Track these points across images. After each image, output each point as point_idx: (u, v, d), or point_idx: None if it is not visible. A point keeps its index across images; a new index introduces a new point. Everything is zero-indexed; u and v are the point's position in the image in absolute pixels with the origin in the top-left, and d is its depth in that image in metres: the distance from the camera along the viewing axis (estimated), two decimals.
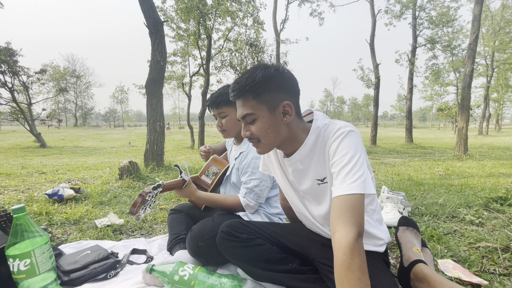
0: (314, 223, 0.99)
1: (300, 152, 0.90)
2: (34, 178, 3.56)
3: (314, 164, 0.89)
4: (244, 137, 0.89)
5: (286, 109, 0.84)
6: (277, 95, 0.83)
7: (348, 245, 0.67)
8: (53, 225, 1.82)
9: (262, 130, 0.85)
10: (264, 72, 0.82)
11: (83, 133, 21.86)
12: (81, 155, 7.54)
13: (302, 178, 0.93)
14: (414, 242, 1.20)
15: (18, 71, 9.27)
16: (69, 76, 39.07)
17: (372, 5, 12.10)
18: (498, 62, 21.22)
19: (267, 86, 0.82)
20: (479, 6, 6.78)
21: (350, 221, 0.70)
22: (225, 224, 1.03)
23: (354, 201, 0.72)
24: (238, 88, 0.83)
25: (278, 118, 0.85)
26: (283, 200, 1.22)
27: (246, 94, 0.83)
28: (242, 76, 0.84)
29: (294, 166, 0.93)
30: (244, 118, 0.86)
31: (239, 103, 0.86)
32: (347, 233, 0.68)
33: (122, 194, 2.65)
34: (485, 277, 1.09)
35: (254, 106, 0.83)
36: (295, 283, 0.96)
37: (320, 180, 0.89)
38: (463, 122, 7.03)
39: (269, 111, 0.84)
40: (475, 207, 2.01)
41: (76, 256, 1.24)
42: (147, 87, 4.20)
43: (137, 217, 1.10)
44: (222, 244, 1.03)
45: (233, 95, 0.86)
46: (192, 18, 8.80)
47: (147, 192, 1.12)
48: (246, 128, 0.88)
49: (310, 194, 0.94)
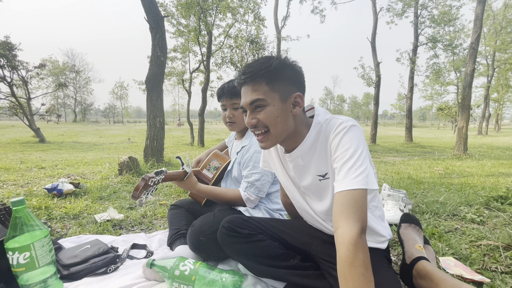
0: (316, 219, 0.98)
1: (301, 147, 0.88)
2: (33, 173, 3.54)
3: (316, 159, 0.88)
4: (249, 125, 0.85)
5: (297, 100, 0.84)
6: (289, 86, 0.83)
7: (351, 240, 0.66)
8: (52, 219, 1.81)
9: (271, 118, 0.82)
10: (280, 61, 0.81)
11: (82, 128, 21.81)
12: (80, 150, 7.53)
13: (303, 174, 0.92)
14: (416, 239, 1.19)
15: (17, 65, 9.21)
16: (68, 71, 38.89)
17: (374, 3, 12.04)
18: (499, 62, 21.19)
19: (282, 75, 0.81)
20: (481, 5, 6.75)
21: (353, 217, 0.69)
22: (227, 220, 1.02)
23: (357, 196, 0.71)
24: (252, 71, 0.80)
25: (288, 108, 0.83)
26: (284, 197, 1.21)
27: (259, 79, 0.80)
28: (255, 62, 0.82)
29: (295, 162, 0.92)
30: (252, 104, 0.82)
31: (247, 88, 0.83)
32: (350, 228, 0.68)
33: (121, 189, 2.64)
34: (487, 275, 1.09)
35: (266, 92, 0.81)
36: (297, 279, 0.95)
37: (321, 176, 0.88)
38: (463, 121, 7.02)
39: (280, 100, 0.82)
40: (475, 206, 2.00)
41: (75, 250, 1.23)
42: (147, 83, 4.18)
43: (140, 202, 1.10)
44: (224, 240, 1.02)
45: (244, 78, 0.82)
46: (192, 14, 8.74)
47: (150, 177, 1.11)
48: (253, 115, 0.84)
49: (311, 190, 0.93)
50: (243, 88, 0.84)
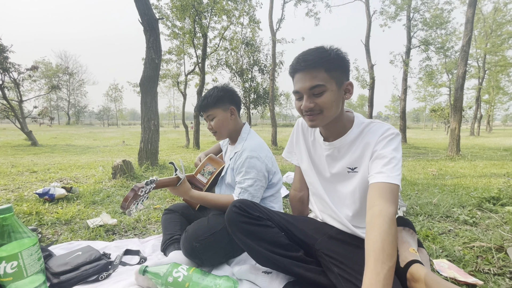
0: (329, 205, 1.04)
1: (342, 140, 0.97)
2: (25, 177, 3.48)
3: (351, 154, 0.97)
4: (306, 109, 0.90)
5: (348, 87, 0.92)
6: (344, 74, 0.91)
7: (388, 214, 0.75)
8: (43, 225, 1.77)
9: (329, 102, 0.89)
10: (337, 51, 0.89)
11: (76, 131, 21.54)
12: (73, 153, 7.42)
13: (334, 164, 1.02)
14: (411, 242, 1.19)
15: (9, 67, 9.06)
16: (61, 73, 38.34)
17: (368, 6, 12.19)
18: (490, 64, 21.62)
19: (338, 64, 0.89)
20: (472, 9, 6.88)
21: (390, 200, 0.79)
22: (238, 201, 1.03)
23: (395, 189, 0.82)
24: (313, 59, 0.87)
25: (341, 94, 0.92)
26: (295, 191, 1.24)
27: (318, 66, 0.87)
28: (313, 50, 0.89)
29: (331, 152, 1.01)
30: (312, 89, 0.88)
31: (306, 75, 0.88)
32: (387, 207, 0.77)
33: (115, 193, 2.60)
34: (480, 276, 1.10)
35: (325, 78, 0.87)
36: (301, 271, 0.95)
37: (351, 168, 0.97)
38: (455, 123, 7.13)
39: (337, 86, 0.89)
40: (468, 207, 2.03)
41: (66, 258, 1.20)
42: (141, 85, 4.14)
43: (129, 212, 1.08)
44: (233, 219, 1.00)
45: (304, 65, 0.88)
46: (187, 16, 8.73)
47: (140, 187, 1.09)
48: (310, 99, 0.90)
49: (336, 178, 1.03)
50: (300, 74, 0.90)
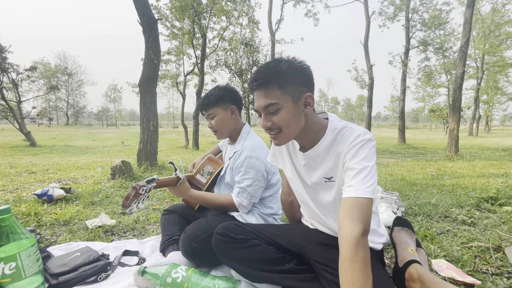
0: (316, 212, 1.02)
1: (315, 150, 0.94)
2: (23, 178, 3.47)
3: (325, 163, 0.93)
4: (265, 128, 0.88)
5: (308, 100, 0.87)
6: (300, 87, 0.85)
7: (354, 238, 0.71)
8: (42, 226, 1.77)
9: (285, 120, 0.85)
10: (289, 64, 0.84)
11: (75, 132, 21.49)
12: (72, 154, 7.40)
13: (312, 173, 0.98)
14: (409, 243, 1.20)
15: (7, 68, 9.04)
16: (60, 73, 38.27)
17: (366, 7, 12.23)
18: (488, 65, 21.68)
19: (292, 78, 0.84)
20: (470, 9, 6.91)
21: (358, 218, 0.74)
22: (221, 226, 1.03)
23: (365, 203, 0.76)
24: (263, 77, 0.83)
25: (300, 108, 0.87)
26: (284, 195, 1.23)
27: (270, 84, 0.83)
28: (265, 67, 0.85)
29: (307, 161, 0.98)
30: (267, 108, 0.85)
31: (260, 93, 0.86)
32: (353, 227, 0.72)
33: (114, 194, 2.60)
34: (478, 276, 1.10)
35: (278, 96, 0.84)
36: (292, 283, 0.95)
37: (327, 178, 0.94)
38: (454, 123, 7.15)
39: (293, 101, 0.85)
40: (467, 207, 2.03)
41: (65, 259, 1.20)
42: (140, 86, 4.14)
43: (130, 211, 1.08)
44: (218, 246, 1.01)
45: (256, 85, 0.85)
46: (186, 17, 8.72)
47: (141, 186, 1.09)
48: (267, 118, 0.87)
49: (316, 187, 1.00)
50: (256, 92, 0.87)
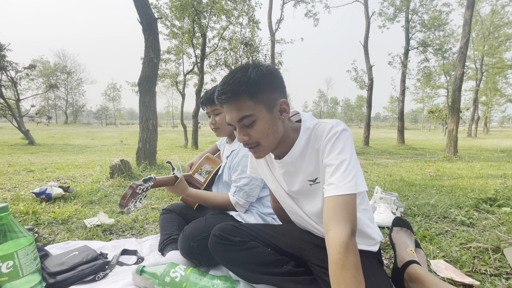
0: (308, 221, 0.97)
1: (291, 154, 0.88)
2: (21, 176, 3.45)
3: (305, 165, 0.87)
4: (242, 142, 0.82)
5: (283, 106, 0.82)
6: (273, 93, 0.80)
7: (342, 243, 0.67)
8: (40, 224, 1.76)
9: (263, 131, 0.80)
10: (257, 71, 0.77)
11: (73, 130, 21.43)
12: (71, 153, 7.38)
13: (293, 180, 0.92)
14: (408, 243, 1.20)
15: (6, 66, 9.02)
16: (59, 72, 38.23)
17: (366, 7, 12.24)
18: (487, 66, 21.74)
19: (263, 85, 0.77)
20: (470, 10, 6.92)
21: (343, 219, 0.70)
22: (217, 228, 1.01)
23: (348, 200, 0.72)
24: (232, 89, 0.76)
25: (275, 117, 0.81)
26: (274, 202, 1.20)
27: (241, 95, 0.76)
28: (232, 77, 0.77)
29: (285, 168, 0.92)
30: (241, 121, 0.79)
31: (231, 106, 0.78)
32: (340, 231, 0.69)
33: (113, 193, 2.59)
34: (476, 277, 1.10)
35: (252, 107, 0.77)
36: (291, 285, 0.94)
37: (311, 180, 0.88)
38: (453, 124, 7.16)
39: (267, 110, 0.79)
40: (465, 208, 2.04)
41: (63, 257, 1.20)
42: (140, 85, 4.13)
43: (127, 210, 1.08)
44: (215, 248, 1.00)
45: (226, 98, 0.77)
46: (186, 16, 8.71)
47: (138, 185, 1.09)
48: (243, 132, 0.81)
49: (302, 194, 0.93)
50: (226, 106, 0.80)
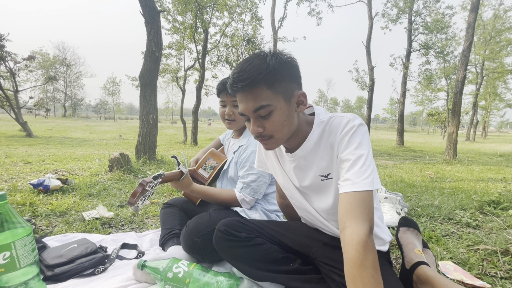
0: (317, 218, 0.94)
1: (304, 147, 0.84)
2: (19, 168, 3.40)
3: (318, 159, 0.84)
4: (255, 134, 0.77)
5: (300, 99, 0.77)
6: (291, 84, 0.75)
7: (360, 241, 0.64)
8: (37, 216, 1.72)
9: (279, 123, 0.75)
10: (276, 59, 0.72)
11: (72, 124, 21.28)
12: (69, 146, 7.31)
13: (305, 174, 0.89)
14: (416, 243, 1.17)
15: (5, 56, 8.90)
16: (59, 64, 37.91)
17: (370, 8, 12.21)
18: (488, 71, 21.81)
19: (282, 74, 0.73)
20: (474, 13, 6.90)
21: (361, 217, 0.67)
22: (223, 223, 0.97)
23: (365, 197, 0.69)
24: (250, 77, 0.70)
25: (292, 108, 0.77)
26: (280, 198, 1.17)
27: (259, 84, 0.71)
28: (249, 63, 0.71)
29: (297, 162, 0.88)
30: (257, 112, 0.74)
31: (247, 95, 0.73)
32: (359, 229, 0.65)
33: (111, 186, 2.55)
34: (486, 280, 1.08)
35: (269, 96, 0.72)
36: (298, 284, 0.91)
37: (324, 176, 0.84)
38: (453, 127, 7.16)
39: (285, 101, 0.75)
40: (470, 210, 2.02)
41: (61, 250, 1.16)
42: (141, 78, 4.08)
43: (136, 208, 1.05)
44: (220, 244, 0.97)
45: (242, 86, 0.71)
46: (189, 11, 8.63)
47: (148, 182, 1.06)
48: (258, 123, 0.76)
49: (312, 189, 0.90)
50: (240, 95, 0.75)
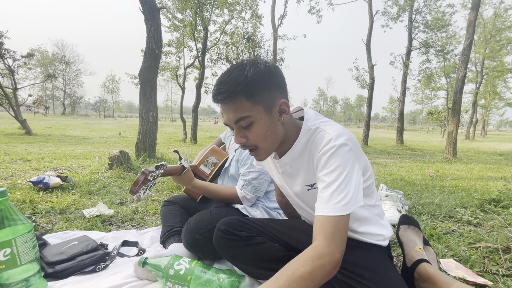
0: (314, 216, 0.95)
1: (290, 154, 0.84)
2: (18, 165, 3.39)
3: (304, 169, 0.84)
4: (239, 144, 0.79)
5: (282, 107, 0.77)
6: (272, 93, 0.75)
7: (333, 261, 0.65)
8: (37, 213, 1.72)
9: (260, 134, 0.76)
10: (255, 69, 0.72)
11: (71, 121, 21.23)
12: (68, 144, 7.29)
13: (292, 182, 0.89)
14: (416, 241, 1.17)
15: (4, 53, 8.85)
16: (58, 62, 37.71)
17: (370, 6, 12.15)
18: (488, 70, 21.78)
19: (261, 85, 0.73)
20: (475, 12, 6.88)
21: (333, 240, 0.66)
22: (223, 222, 0.97)
23: (338, 222, 0.68)
24: (228, 89, 0.71)
25: (275, 118, 0.77)
26: (279, 196, 1.18)
27: (238, 95, 0.72)
28: (229, 75, 0.72)
29: (283, 169, 0.89)
30: (238, 123, 0.75)
31: (228, 106, 0.74)
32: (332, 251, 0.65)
33: (112, 184, 2.55)
34: (488, 277, 1.08)
35: (249, 108, 0.73)
36: None
37: (309, 185, 0.85)
38: (453, 125, 7.16)
39: (265, 111, 0.75)
40: (470, 208, 2.02)
41: (62, 247, 1.16)
42: (140, 75, 4.06)
43: (138, 197, 1.06)
44: (220, 244, 0.96)
45: (222, 98, 0.73)
46: (189, 8, 8.59)
47: (150, 171, 1.07)
48: (240, 133, 0.77)
49: (303, 195, 0.91)
50: (222, 106, 0.76)
